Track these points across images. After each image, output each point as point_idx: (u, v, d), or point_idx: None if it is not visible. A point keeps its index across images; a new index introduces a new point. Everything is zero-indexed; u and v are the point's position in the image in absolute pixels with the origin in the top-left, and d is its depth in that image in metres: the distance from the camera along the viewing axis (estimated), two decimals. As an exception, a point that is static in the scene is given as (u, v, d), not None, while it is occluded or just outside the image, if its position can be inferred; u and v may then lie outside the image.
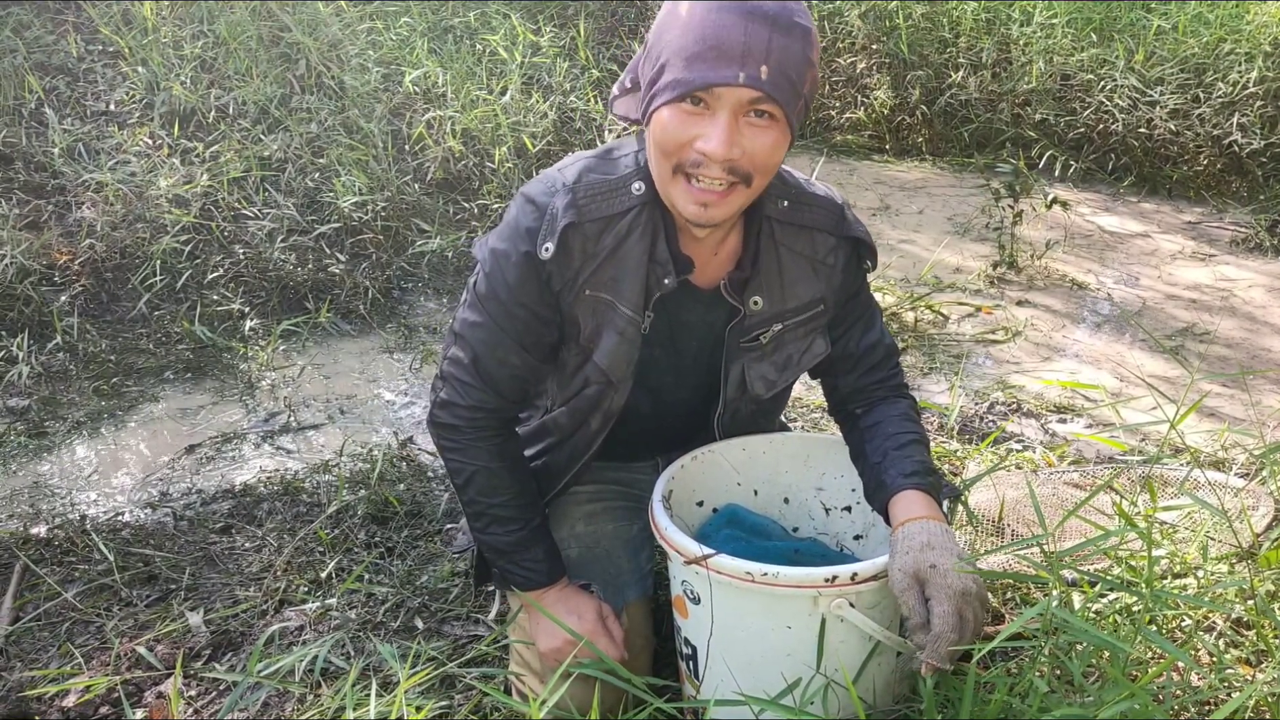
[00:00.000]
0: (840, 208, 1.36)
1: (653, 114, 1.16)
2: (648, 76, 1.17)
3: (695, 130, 1.12)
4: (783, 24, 1.10)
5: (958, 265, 3.31)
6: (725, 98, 1.10)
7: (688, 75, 1.10)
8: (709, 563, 1.18)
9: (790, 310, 1.34)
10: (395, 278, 3.05)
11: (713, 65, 1.09)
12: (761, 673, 1.21)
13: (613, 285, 1.26)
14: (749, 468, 1.49)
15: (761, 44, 1.09)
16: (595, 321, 1.29)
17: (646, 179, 1.25)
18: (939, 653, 1.10)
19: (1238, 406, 2.45)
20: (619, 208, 1.25)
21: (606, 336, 1.29)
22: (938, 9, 4.38)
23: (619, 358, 1.30)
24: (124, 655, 1.61)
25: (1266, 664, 1.34)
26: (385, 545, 1.88)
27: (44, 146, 3.38)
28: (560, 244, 1.23)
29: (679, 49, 1.11)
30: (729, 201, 1.17)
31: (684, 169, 1.15)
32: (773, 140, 1.14)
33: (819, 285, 1.35)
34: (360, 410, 2.47)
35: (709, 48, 1.09)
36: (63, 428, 2.36)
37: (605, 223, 1.25)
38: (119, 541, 1.90)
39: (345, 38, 4.01)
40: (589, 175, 1.26)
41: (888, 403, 1.42)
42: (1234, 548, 1.56)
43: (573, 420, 1.38)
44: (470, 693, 1.46)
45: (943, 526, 1.20)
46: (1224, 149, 3.83)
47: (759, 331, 1.34)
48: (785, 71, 1.11)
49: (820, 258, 1.34)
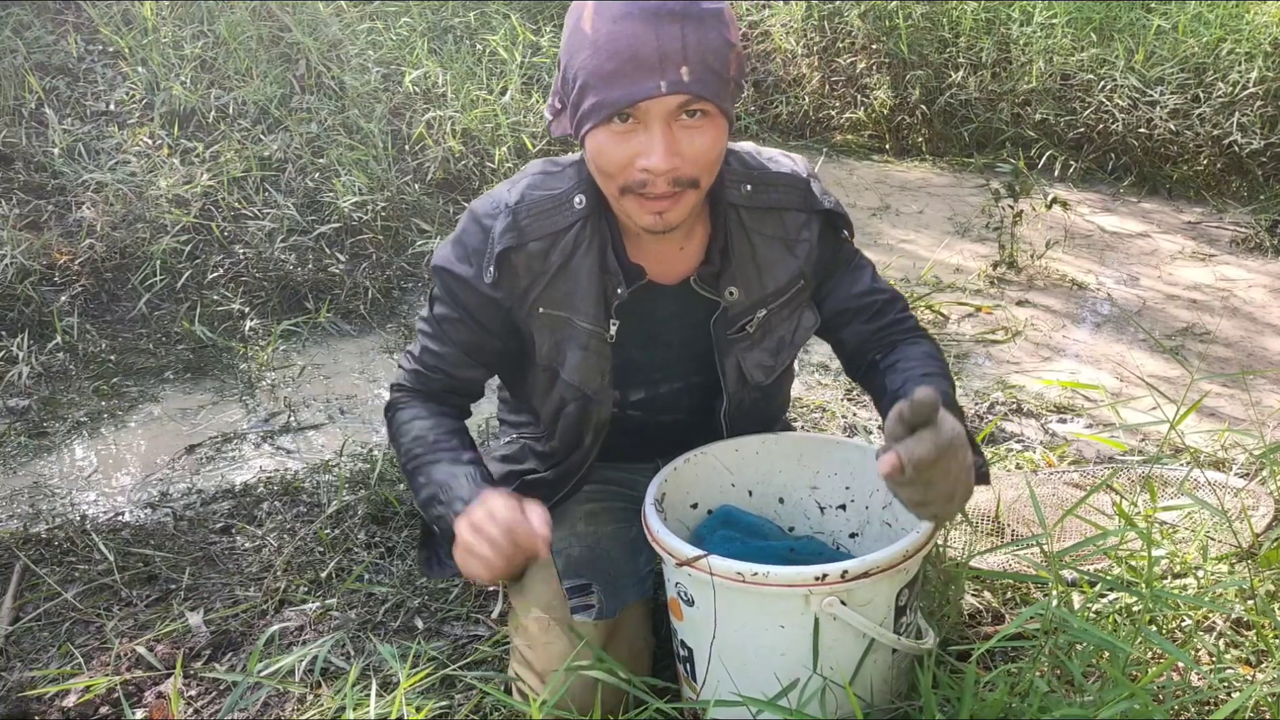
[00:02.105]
0: (806, 182, 1.34)
1: (584, 137, 1.14)
2: (570, 99, 1.14)
3: (631, 148, 1.10)
4: (694, 15, 1.07)
5: (958, 265, 3.31)
6: (653, 110, 1.08)
7: (609, 95, 1.07)
8: (700, 564, 1.18)
9: (771, 294, 1.33)
10: (395, 278, 3.05)
11: (632, 80, 1.06)
12: (757, 673, 1.21)
13: (567, 301, 1.26)
14: (743, 468, 1.49)
15: (676, 45, 1.05)
16: (554, 339, 1.29)
17: (587, 191, 1.24)
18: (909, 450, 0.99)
19: (1238, 406, 2.45)
20: (563, 224, 1.25)
21: (570, 353, 1.29)
22: (937, 9, 4.37)
23: (589, 371, 1.30)
24: (124, 655, 1.61)
25: (1266, 664, 1.34)
26: (385, 545, 1.88)
27: (44, 146, 3.38)
28: (500, 268, 1.24)
29: (593, 69, 1.08)
30: (681, 205, 1.15)
31: (631, 189, 1.13)
32: (711, 138, 1.12)
33: (795, 263, 1.33)
34: (360, 410, 2.47)
35: (624, 62, 1.06)
36: (63, 428, 2.36)
37: (551, 240, 1.25)
38: (119, 541, 1.90)
39: (345, 38, 4.01)
40: (532, 193, 1.26)
41: (908, 344, 1.36)
42: (1234, 548, 1.56)
43: (566, 443, 1.40)
44: (470, 693, 1.46)
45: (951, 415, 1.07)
46: (1224, 149, 3.83)
47: (744, 321, 1.33)
48: (708, 65, 1.08)
49: (793, 236, 1.33)
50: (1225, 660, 1.35)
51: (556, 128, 1.22)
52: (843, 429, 2.30)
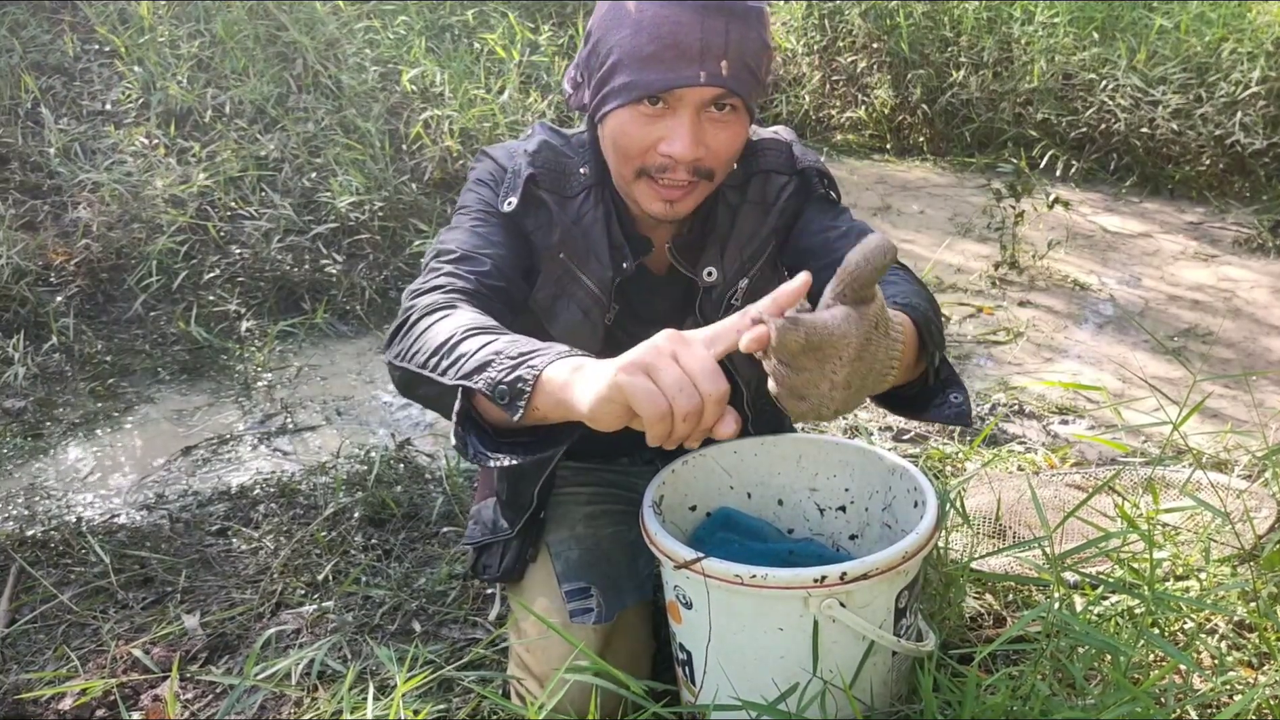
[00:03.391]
0: (788, 145, 1.33)
1: (606, 115, 1.12)
2: (596, 75, 1.12)
3: (657, 132, 1.10)
4: (739, 12, 1.07)
5: (959, 265, 3.30)
6: (686, 98, 1.08)
7: (644, 77, 1.07)
8: (698, 567, 1.17)
9: (749, 259, 1.31)
10: (392, 278, 3.04)
11: (671, 66, 1.06)
12: (757, 676, 1.20)
13: (583, 258, 1.24)
14: (741, 470, 1.48)
15: (719, 38, 1.05)
16: (555, 289, 1.26)
17: (591, 163, 1.24)
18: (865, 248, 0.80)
19: (1240, 408, 2.44)
20: (570, 190, 1.25)
21: (566, 310, 1.26)
22: (939, 8, 4.37)
23: (581, 338, 1.26)
24: (120, 658, 1.60)
25: (1269, 667, 1.33)
26: (382, 547, 1.87)
27: (40, 146, 3.37)
28: (525, 198, 1.21)
29: (632, 49, 1.07)
30: (693, 196, 1.15)
31: (648, 172, 1.12)
32: (734, 133, 1.13)
33: (771, 220, 1.32)
34: (357, 411, 2.46)
35: (665, 47, 1.05)
36: (58, 429, 2.35)
37: (560, 198, 1.24)
38: (115, 544, 1.89)
39: (342, 37, 4.00)
40: (545, 151, 1.25)
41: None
42: (1236, 550, 1.55)
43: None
44: (468, 696, 1.44)
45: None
46: (1226, 149, 3.82)
47: (729, 295, 1.32)
48: (745, 62, 1.08)
49: (772, 200, 1.31)
50: (1227, 663, 1.34)
51: (576, 100, 1.21)
52: (842, 430, 2.29)
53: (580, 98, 1.19)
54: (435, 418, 2.42)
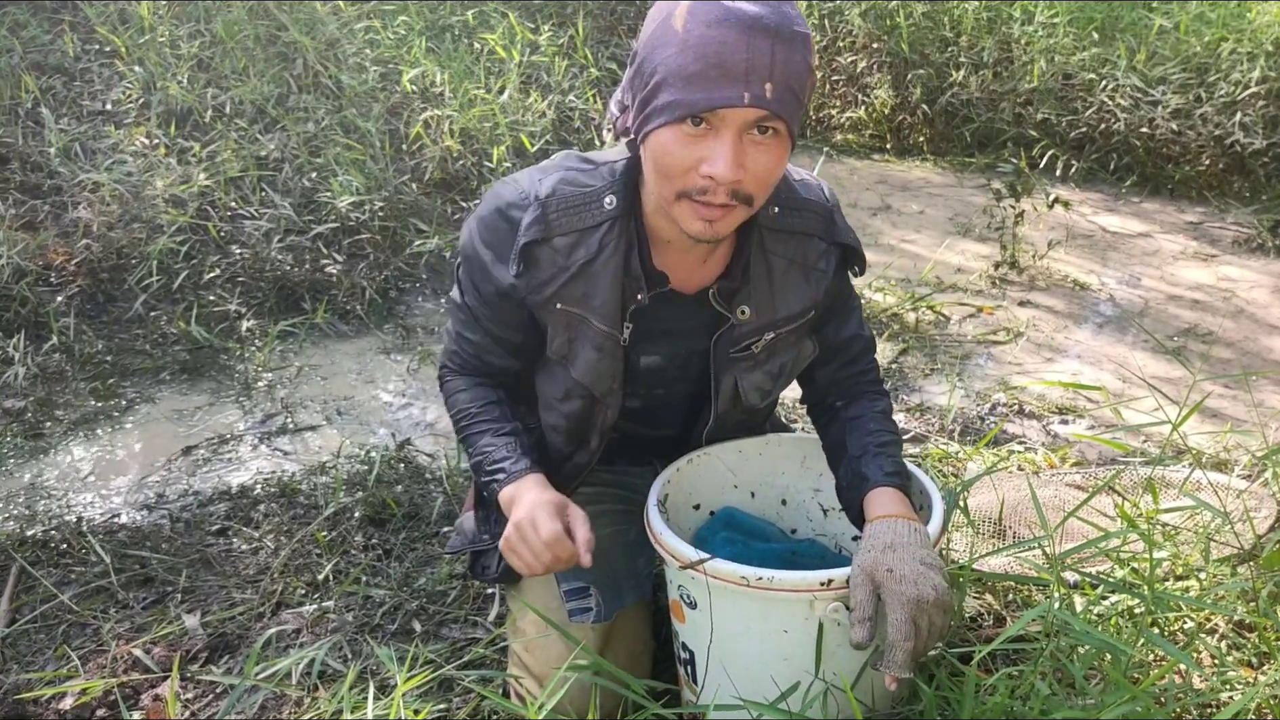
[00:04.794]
0: (830, 211, 1.35)
1: (649, 134, 1.12)
2: (640, 95, 1.12)
3: (699, 153, 1.09)
4: (785, 35, 1.06)
5: (959, 265, 3.30)
6: (730, 119, 1.07)
7: (688, 96, 1.06)
8: (704, 567, 1.17)
9: (782, 319, 1.33)
10: (392, 278, 3.04)
11: (716, 85, 1.05)
12: (759, 677, 1.20)
13: (584, 301, 1.25)
14: (745, 470, 1.48)
15: (765, 60, 1.05)
16: (568, 335, 1.28)
17: (621, 192, 1.23)
18: (895, 661, 1.09)
19: (1240, 408, 2.44)
20: (590, 222, 1.24)
21: (584, 352, 1.28)
22: (939, 8, 4.37)
23: (601, 373, 1.29)
24: (121, 657, 1.60)
25: (1268, 666, 1.34)
26: (383, 547, 1.87)
27: (40, 146, 3.37)
28: (524, 261, 1.24)
29: (677, 68, 1.07)
30: (731, 218, 1.15)
31: (689, 194, 1.12)
32: (776, 157, 1.12)
33: (811, 292, 1.34)
34: (357, 411, 2.46)
35: (710, 66, 1.05)
36: (59, 429, 2.35)
37: (578, 236, 1.24)
38: (115, 543, 1.89)
39: (342, 37, 4.00)
40: (563, 188, 1.25)
41: (869, 399, 1.41)
42: (1236, 550, 1.55)
43: (570, 441, 1.39)
44: (468, 695, 1.45)
45: (913, 526, 1.18)
46: (1226, 149, 3.82)
47: (750, 341, 1.32)
48: (789, 85, 1.08)
49: (811, 264, 1.33)
50: (1227, 662, 1.34)
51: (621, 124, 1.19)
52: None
53: (625, 121, 1.19)
54: (435, 417, 2.43)
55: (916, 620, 1.09)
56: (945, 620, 1.12)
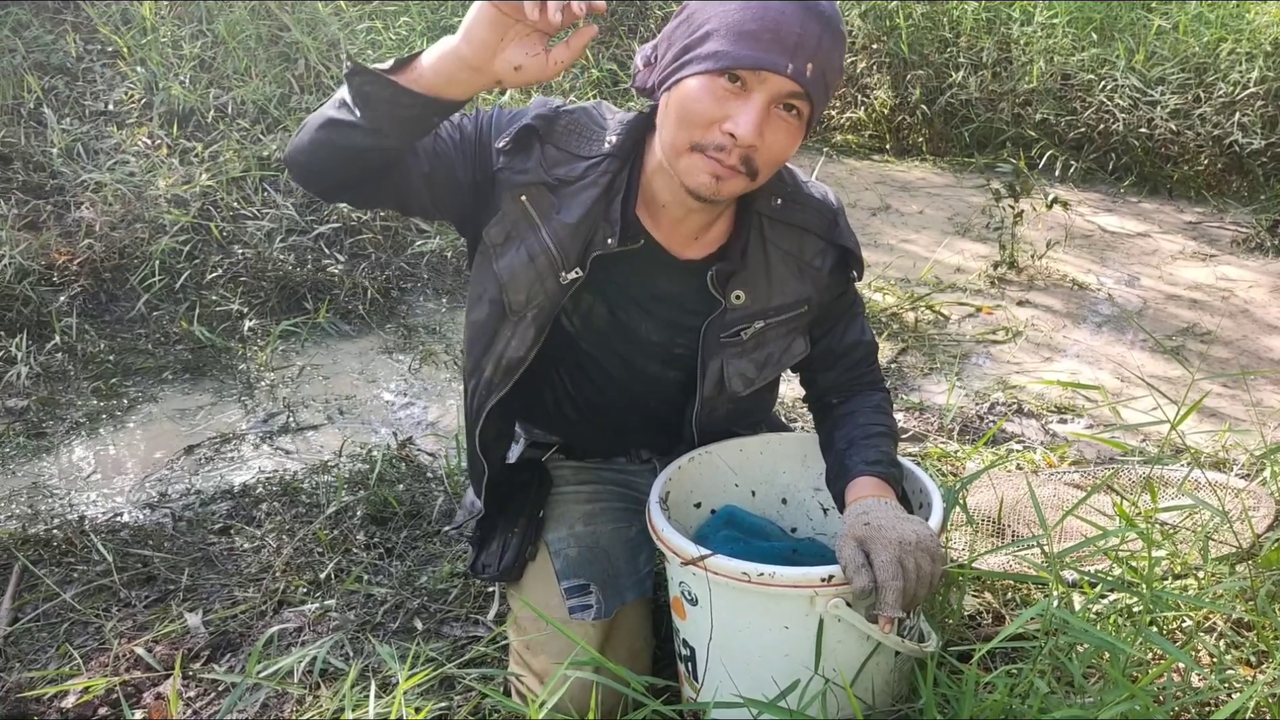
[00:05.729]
0: (835, 213, 1.36)
1: (679, 80, 1.14)
2: (681, 42, 1.14)
3: (726, 109, 1.11)
4: (833, 28, 1.11)
5: (958, 265, 3.31)
6: (768, 83, 1.10)
7: (736, 50, 1.09)
8: (706, 563, 1.17)
9: (774, 309, 1.34)
10: (394, 278, 3.05)
11: (766, 48, 1.08)
12: (760, 674, 1.20)
13: (547, 212, 1.25)
14: (746, 468, 1.49)
15: (814, 40, 1.09)
16: (510, 229, 1.26)
17: (623, 137, 1.25)
18: (886, 601, 1.10)
19: (1238, 407, 2.44)
20: (584, 151, 1.26)
21: (514, 252, 1.26)
22: (938, 8, 4.37)
23: (521, 280, 1.26)
24: (123, 656, 1.60)
25: (1267, 665, 1.34)
26: (384, 546, 1.87)
27: (43, 146, 3.37)
28: (516, 141, 1.24)
29: (732, 22, 1.10)
30: (734, 184, 1.16)
31: (702, 148, 1.14)
32: (791, 139, 1.15)
33: (804, 287, 1.35)
34: (359, 411, 2.47)
35: (765, 29, 1.08)
36: (61, 428, 2.36)
37: (568, 158, 1.26)
38: (117, 542, 1.89)
39: (344, 37, 4.00)
40: (573, 113, 1.28)
41: (865, 394, 1.43)
42: (1234, 548, 1.56)
43: (472, 361, 1.34)
44: (470, 693, 1.45)
45: (887, 502, 1.21)
46: (1225, 149, 3.83)
47: (740, 327, 1.33)
48: (825, 73, 1.11)
49: (807, 260, 1.34)
50: (1226, 661, 1.35)
51: (642, 78, 1.21)
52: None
53: (647, 77, 1.20)
54: (437, 416, 2.43)
55: (902, 561, 1.11)
56: (934, 568, 1.13)
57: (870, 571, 1.11)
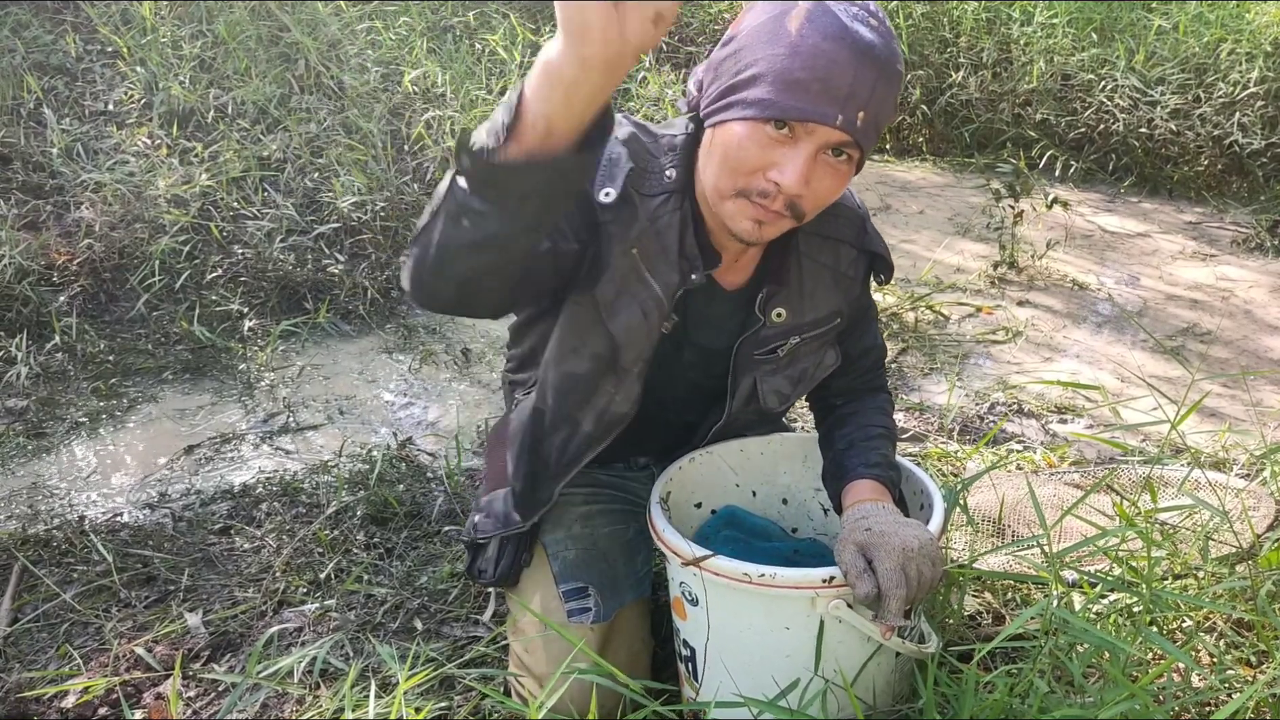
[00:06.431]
0: (862, 219, 1.36)
1: (726, 122, 1.10)
2: (727, 80, 1.11)
3: (772, 157, 1.08)
4: (888, 71, 1.07)
5: (958, 265, 3.31)
6: (815, 134, 1.07)
7: (785, 100, 1.05)
8: (706, 564, 1.17)
9: (808, 323, 1.33)
10: (395, 278, 3.04)
11: (815, 99, 1.04)
12: (760, 674, 1.20)
13: (653, 260, 1.21)
14: (747, 469, 1.49)
15: (866, 89, 1.05)
16: (620, 286, 1.22)
17: (680, 168, 1.21)
18: (890, 610, 1.09)
19: (1238, 407, 2.44)
20: (650, 189, 1.21)
21: (628, 309, 1.22)
22: (938, 9, 4.37)
23: (635, 338, 1.23)
24: (123, 656, 1.60)
25: (1267, 665, 1.34)
26: (384, 546, 1.87)
27: (42, 146, 3.37)
28: (623, 191, 1.18)
29: (781, 69, 1.05)
30: (777, 227, 1.14)
31: (747, 194, 1.11)
32: (838, 183, 1.12)
33: (838, 298, 1.34)
34: (359, 411, 2.47)
35: (815, 79, 1.04)
36: (61, 428, 2.36)
37: (644, 200, 1.21)
38: (117, 542, 1.89)
39: (344, 37, 4.00)
40: (635, 144, 1.22)
41: (867, 396, 1.44)
42: (1235, 548, 1.56)
43: (559, 409, 1.31)
44: (470, 694, 1.45)
45: (885, 506, 1.20)
46: (1225, 149, 3.83)
47: (777, 344, 1.33)
48: (877, 119, 1.08)
49: (842, 269, 1.33)
50: (1226, 661, 1.35)
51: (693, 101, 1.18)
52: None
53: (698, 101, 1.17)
54: (437, 417, 2.43)
55: (905, 569, 1.11)
56: (935, 572, 1.13)
57: (873, 578, 1.11)
